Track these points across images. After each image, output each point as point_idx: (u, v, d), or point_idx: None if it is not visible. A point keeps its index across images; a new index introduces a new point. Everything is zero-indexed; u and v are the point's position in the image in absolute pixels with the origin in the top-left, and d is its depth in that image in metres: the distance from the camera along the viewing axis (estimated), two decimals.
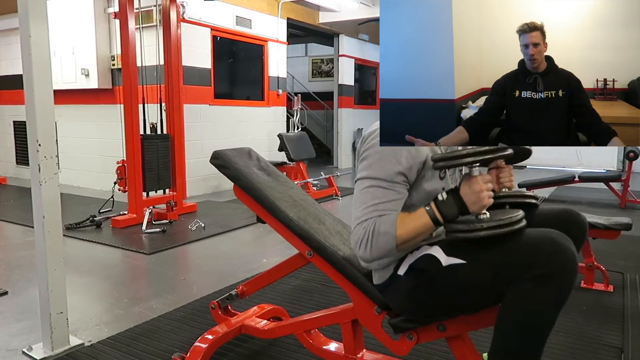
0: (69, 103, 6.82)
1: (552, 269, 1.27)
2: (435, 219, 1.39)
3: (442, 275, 1.43)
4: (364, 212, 1.46)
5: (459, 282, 1.41)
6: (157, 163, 5.03)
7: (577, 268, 1.31)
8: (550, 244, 1.30)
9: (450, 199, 1.38)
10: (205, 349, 2.02)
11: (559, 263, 1.28)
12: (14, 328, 2.56)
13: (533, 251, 1.31)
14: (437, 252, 1.45)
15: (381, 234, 1.41)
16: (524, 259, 1.31)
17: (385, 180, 1.45)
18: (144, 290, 3.26)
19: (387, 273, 1.56)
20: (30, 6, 2.11)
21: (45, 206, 2.21)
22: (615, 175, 6.17)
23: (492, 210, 1.40)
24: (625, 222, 3.01)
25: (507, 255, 1.35)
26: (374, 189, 1.46)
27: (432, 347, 2.20)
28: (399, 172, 1.45)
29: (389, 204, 1.45)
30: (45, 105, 2.20)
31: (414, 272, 1.49)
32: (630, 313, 2.69)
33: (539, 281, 1.28)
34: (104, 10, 6.43)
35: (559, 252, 1.29)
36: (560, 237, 1.32)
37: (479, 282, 1.39)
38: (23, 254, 3.92)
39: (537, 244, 1.32)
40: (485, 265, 1.37)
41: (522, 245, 1.34)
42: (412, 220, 1.42)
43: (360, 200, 1.48)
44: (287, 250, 3.42)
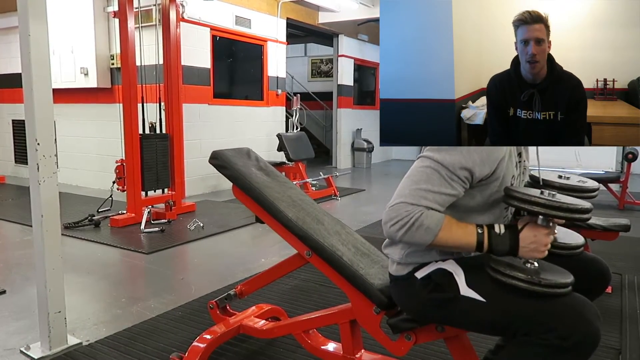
0: (68, 102, 6.80)
1: (571, 343, 1.20)
2: (481, 246, 1.32)
3: (457, 301, 1.38)
4: (413, 194, 1.33)
5: (471, 316, 1.37)
6: (155, 162, 5.03)
7: (596, 347, 1.23)
8: (579, 316, 1.23)
9: (507, 235, 1.29)
10: (204, 348, 2.02)
11: (580, 339, 1.21)
12: (11, 327, 2.55)
13: (558, 317, 1.24)
14: (458, 277, 1.39)
15: (424, 227, 1.31)
16: (546, 322, 1.24)
17: (447, 168, 1.34)
18: (142, 289, 3.26)
19: (405, 270, 1.52)
20: (29, 5, 2.11)
21: (43, 205, 2.21)
22: (613, 176, 6.18)
23: (541, 261, 1.34)
24: (624, 224, 3.01)
25: (530, 312, 1.28)
26: (432, 172, 1.34)
27: (430, 348, 2.20)
28: (465, 167, 1.34)
29: (439, 196, 1.34)
30: (44, 104, 2.19)
31: (431, 283, 1.44)
32: (628, 314, 2.69)
33: (554, 350, 1.22)
34: (103, 9, 6.42)
35: (583, 329, 1.21)
36: (592, 314, 1.24)
37: (492, 324, 1.35)
38: (21, 252, 3.92)
39: (564, 312, 1.25)
40: (504, 312, 1.32)
41: (549, 307, 1.27)
42: (459, 231, 1.33)
43: (414, 178, 1.37)
44: (286, 250, 3.42)
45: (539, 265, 1.33)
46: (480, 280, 1.36)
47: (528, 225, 1.30)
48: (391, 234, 1.36)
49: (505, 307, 1.31)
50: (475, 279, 1.37)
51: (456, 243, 1.34)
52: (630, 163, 5.76)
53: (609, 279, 1.59)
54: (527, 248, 1.28)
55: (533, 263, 1.32)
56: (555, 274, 1.32)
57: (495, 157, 1.35)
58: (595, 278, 1.56)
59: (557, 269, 1.36)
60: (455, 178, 1.34)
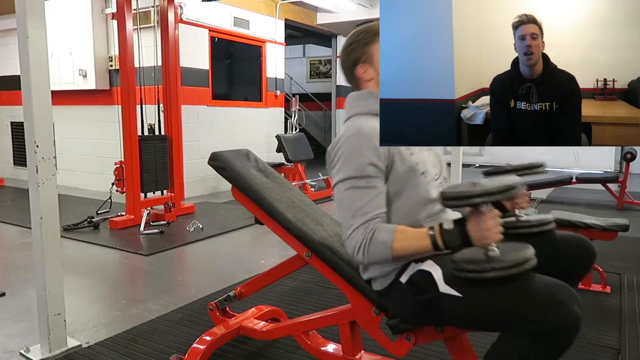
0: (66, 104, 6.80)
1: (548, 328, 1.21)
2: (437, 245, 1.35)
3: (439, 300, 1.41)
4: (356, 219, 1.44)
5: (454, 313, 1.40)
6: (154, 164, 5.03)
7: (577, 330, 1.23)
8: (552, 300, 1.24)
9: (456, 230, 1.33)
10: (203, 350, 2.02)
11: (556, 323, 1.22)
12: (11, 329, 2.55)
13: (531, 305, 1.25)
14: (436, 275, 1.42)
15: (378, 241, 1.40)
16: (521, 310, 1.26)
17: (358, 177, 1.44)
18: (141, 291, 3.25)
19: (388, 280, 1.56)
20: (28, 7, 2.11)
21: (42, 207, 2.20)
22: (612, 176, 6.18)
23: (503, 244, 1.35)
24: (623, 223, 3.01)
25: (506, 301, 1.29)
26: (352, 191, 1.45)
27: (429, 348, 2.20)
28: (369, 163, 1.44)
29: (372, 202, 1.44)
30: (43, 106, 2.19)
31: (414, 286, 1.48)
32: (627, 314, 2.69)
33: (533, 338, 1.23)
34: (101, 11, 6.41)
35: (559, 312, 1.22)
36: (566, 297, 1.25)
37: (473, 319, 1.38)
38: (20, 255, 3.91)
39: (537, 298, 1.26)
40: (480, 305, 1.34)
41: (524, 294, 1.28)
42: (412, 237, 1.39)
43: (344, 206, 1.47)
44: (285, 252, 3.41)
45: (501, 249, 1.33)
46: (455, 277, 1.39)
47: (470, 218, 1.33)
48: (360, 261, 1.48)
49: (481, 300, 1.34)
50: (452, 276, 1.40)
51: (414, 248, 1.39)
52: (628, 163, 5.76)
53: (593, 255, 1.59)
54: (478, 236, 1.30)
55: (494, 250, 1.32)
56: (513, 252, 1.34)
57: (383, 149, 1.46)
58: (578, 256, 1.57)
59: (519, 247, 1.39)
60: (369, 178, 1.45)
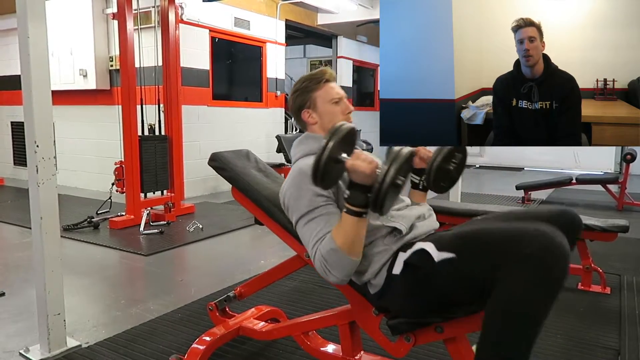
0: (66, 104, 6.80)
1: (535, 249, 1.26)
2: (355, 212, 1.44)
3: (436, 270, 1.44)
4: (313, 248, 1.53)
5: (451, 276, 1.42)
6: (155, 164, 5.03)
7: (565, 253, 1.27)
8: (535, 228, 1.31)
9: (352, 190, 1.44)
10: (203, 350, 2.02)
11: (543, 244, 1.26)
12: (11, 329, 2.55)
13: (517, 235, 1.32)
14: (429, 248, 1.47)
15: (329, 253, 1.48)
16: (508, 244, 1.32)
17: (310, 210, 1.55)
18: (141, 291, 3.25)
19: (381, 279, 1.57)
20: (28, 7, 2.11)
21: (42, 207, 2.20)
22: (612, 177, 6.18)
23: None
24: (622, 224, 3.01)
25: (493, 242, 1.36)
26: (309, 224, 1.55)
27: (429, 349, 2.20)
28: (315, 195, 1.55)
29: (326, 226, 1.53)
30: (43, 105, 2.19)
31: (409, 269, 1.51)
32: (627, 315, 2.69)
33: (523, 264, 1.26)
34: (102, 11, 6.42)
35: (544, 234, 1.28)
36: (546, 226, 1.32)
37: (470, 273, 1.39)
38: (20, 255, 3.91)
39: (522, 230, 1.34)
40: (473, 256, 1.39)
41: (508, 232, 1.36)
42: (342, 226, 1.48)
43: (306, 239, 1.57)
44: (285, 252, 3.41)
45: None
46: (446, 241, 1.46)
47: (346, 167, 1.42)
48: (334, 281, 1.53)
49: (472, 251, 1.40)
50: (441, 242, 1.47)
51: (352, 232, 1.46)
52: (628, 164, 5.76)
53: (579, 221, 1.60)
54: (360, 178, 1.39)
55: (376, 171, 1.38)
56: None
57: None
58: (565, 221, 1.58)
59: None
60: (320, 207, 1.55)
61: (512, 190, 6.58)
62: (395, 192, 1.40)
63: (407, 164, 1.39)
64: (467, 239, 1.43)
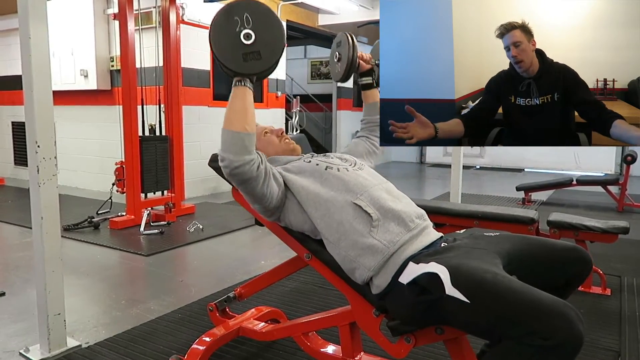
0: (67, 104, 6.80)
1: (553, 344, 1.20)
2: (243, 82, 1.63)
3: (443, 302, 1.39)
4: None
5: (457, 317, 1.39)
6: (155, 164, 5.03)
7: (579, 348, 1.22)
8: (561, 317, 1.23)
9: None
10: (203, 351, 2.02)
11: (562, 340, 1.20)
12: (11, 329, 2.55)
13: (540, 318, 1.24)
14: (444, 276, 1.41)
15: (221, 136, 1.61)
16: (529, 323, 1.24)
17: None
18: (141, 291, 3.25)
19: (385, 281, 1.55)
20: (30, 7, 2.11)
21: (43, 207, 2.20)
22: (612, 178, 6.18)
23: None
24: (623, 226, 3.01)
25: (514, 312, 1.28)
26: None
27: (429, 350, 2.19)
28: None
29: None
30: (44, 106, 2.19)
31: (418, 287, 1.47)
32: (627, 316, 2.69)
33: (536, 350, 1.22)
34: (103, 12, 6.42)
35: (566, 330, 1.21)
36: (571, 314, 1.24)
37: (476, 325, 1.37)
38: (21, 254, 3.91)
39: (546, 313, 1.25)
40: (486, 314, 1.33)
41: (532, 308, 1.27)
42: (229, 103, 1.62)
43: None
44: (285, 253, 3.41)
45: None
46: (464, 280, 1.37)
47: None
48: (225, 164, 1.64)
49: (488, 308, 1.32)
50: (460, 279, 1.39)
51: (234, 103, 1.62)
52: (629, 165, 5.76)
53: (589, 262, 1.60)
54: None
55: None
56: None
57: None
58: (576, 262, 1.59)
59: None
60: None
61: (513, 191, 6.57)
62: None
63: None
64: (486, 290, 1.33)
